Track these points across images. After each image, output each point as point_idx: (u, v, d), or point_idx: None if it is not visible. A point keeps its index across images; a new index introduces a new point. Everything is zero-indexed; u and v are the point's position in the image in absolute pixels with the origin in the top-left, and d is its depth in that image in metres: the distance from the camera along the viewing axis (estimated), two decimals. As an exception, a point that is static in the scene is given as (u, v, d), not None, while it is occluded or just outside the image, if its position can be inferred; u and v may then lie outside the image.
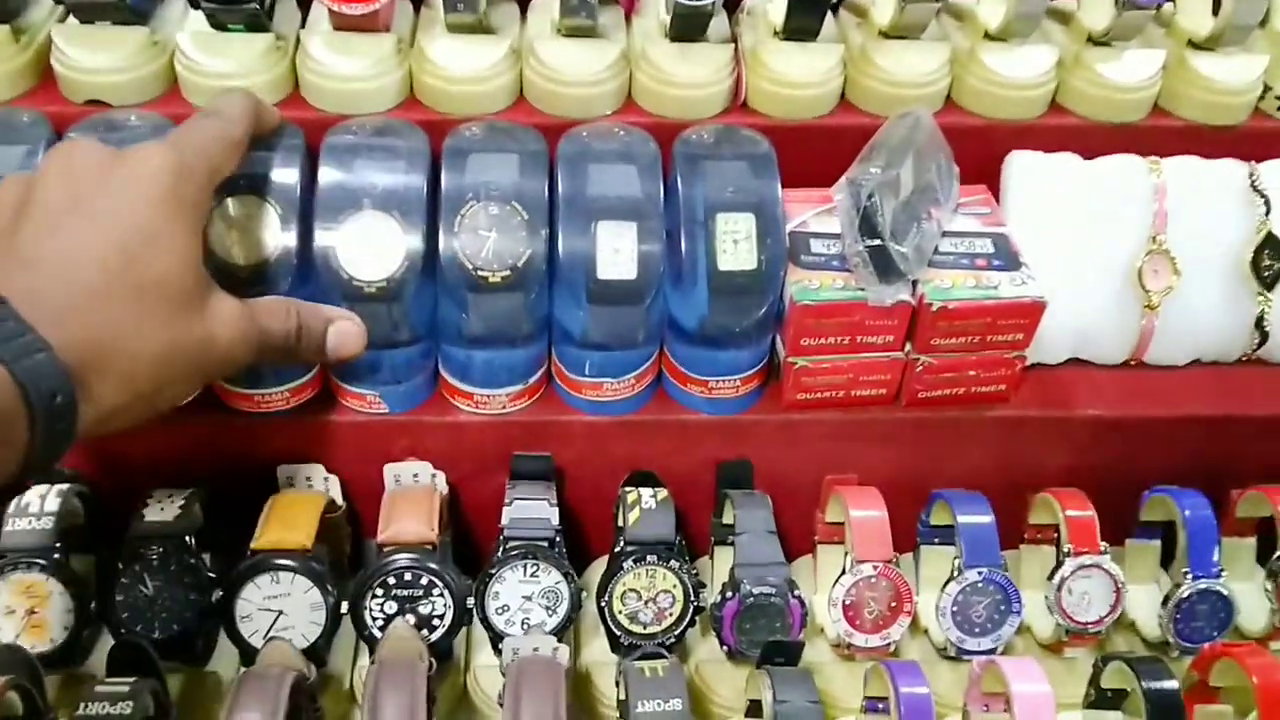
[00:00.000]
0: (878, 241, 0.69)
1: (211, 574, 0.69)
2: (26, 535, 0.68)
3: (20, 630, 0.68)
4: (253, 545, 0.69)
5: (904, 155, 0.71)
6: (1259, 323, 0.78)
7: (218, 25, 0.74)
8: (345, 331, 0.65)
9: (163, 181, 0.54)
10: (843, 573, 0.72)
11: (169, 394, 0.56)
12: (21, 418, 0.46)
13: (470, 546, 0.81)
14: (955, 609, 0.73)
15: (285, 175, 0.68)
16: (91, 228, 0.52)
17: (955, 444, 0.78)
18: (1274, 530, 0.77)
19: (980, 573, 0.72)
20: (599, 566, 0.79)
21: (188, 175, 0.56)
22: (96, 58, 0.72)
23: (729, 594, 0.70)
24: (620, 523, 0.73)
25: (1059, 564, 0.74)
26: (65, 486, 0.71)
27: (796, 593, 0.70)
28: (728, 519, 0.76)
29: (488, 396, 0.74)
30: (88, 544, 0.73)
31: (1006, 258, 0.73)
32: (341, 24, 0.74)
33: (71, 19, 0.74)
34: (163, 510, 0.71)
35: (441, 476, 0.76)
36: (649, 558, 0.70)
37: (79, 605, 0.68)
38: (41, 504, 0.70)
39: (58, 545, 0.68)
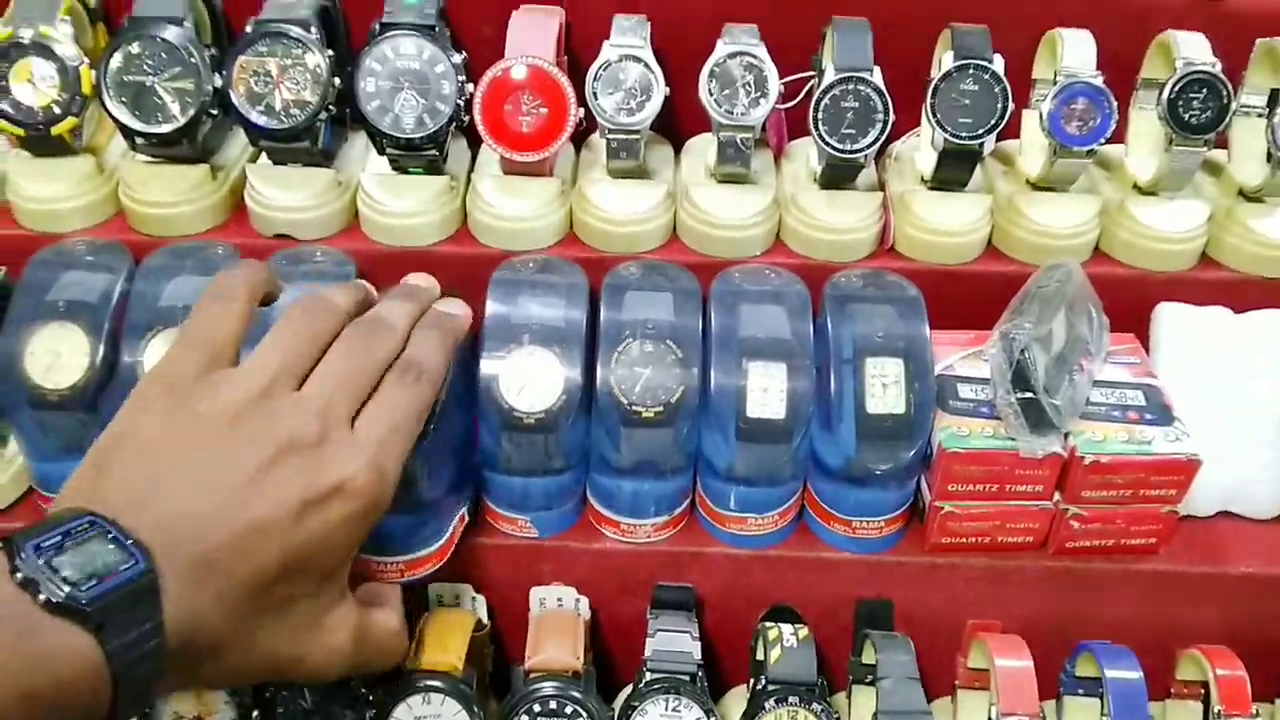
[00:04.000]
0: (1030, 394, 0.70)
1: (365, 689, 0.71)
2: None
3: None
4: (407, 664, 0.71)
5: (1056, 308, 0.72)
6: None
7: (398, 168, 0.79)
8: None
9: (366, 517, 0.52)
10: (987, 722, 0.72)
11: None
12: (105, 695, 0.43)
13: (610, 671, 0.82)
14: (1103, 766, 0.71)
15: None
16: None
17: (1101, 595, 0.77)
18: None
19: (1130, 731, 0.70)
20: (734, 696, 0.80)
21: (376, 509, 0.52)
22: (287, 196, 0.78)
23: (873, 740, 0.70)
24: (760, 658, 0.73)
25: (1211, 725, 0.72)
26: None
27: (941, 743, 0.70)
28: (868, 659, 0.76)
29: (634, 525, 0.76)
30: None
31: (1159, 411, 0.73)
32: (512, 169, 0.79)
33: (264, 158, 0.80)
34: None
35: (585, 602, 0.78)
36: (791, 699, 0.71)
37: (240, 716, 0.71)
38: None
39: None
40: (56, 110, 0.74)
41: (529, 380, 0.71)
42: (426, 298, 0.62)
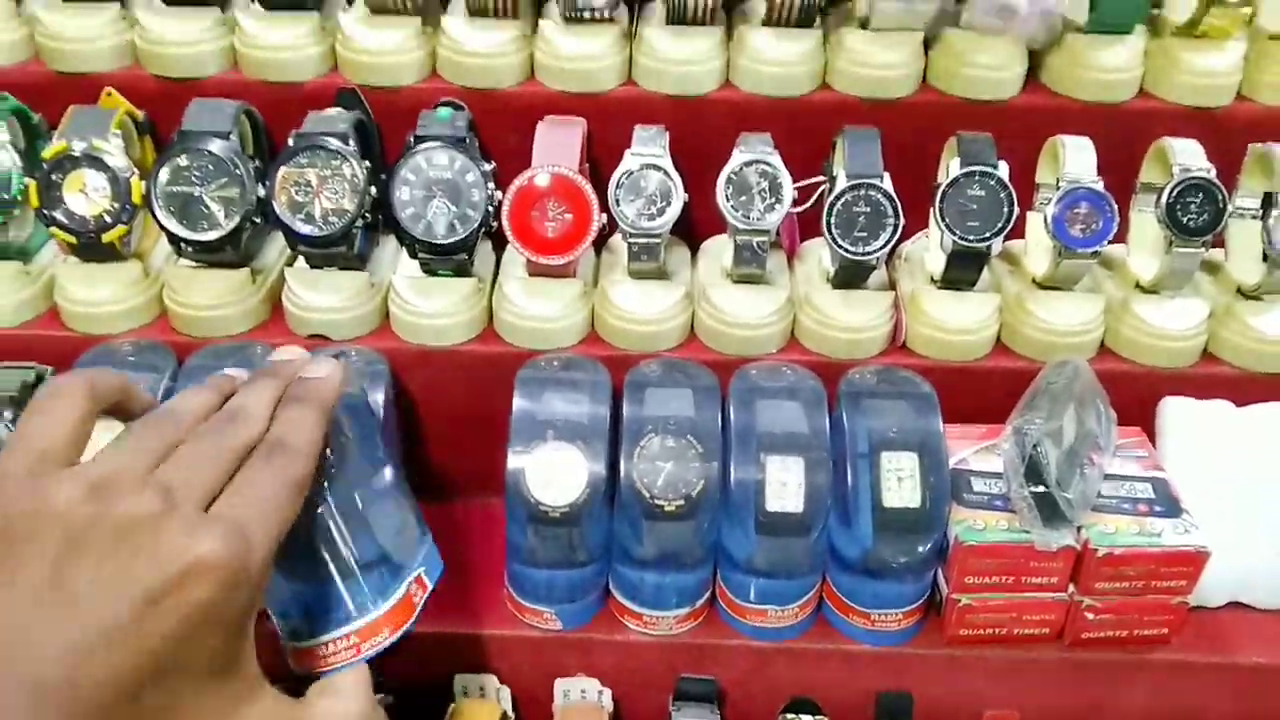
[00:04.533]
0: (1044, 488, 0.72)
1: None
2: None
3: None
4: (435, 756, 0.72)
5: (1065, 404, 0.74)
6: None
7: (428, 271, 0.82)
8: None
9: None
10: (1008, 815, 0.72)
11: None
12: None
13: (631, 764, 0.83)
14: None
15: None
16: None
17: (1116, 684, 0.78)
18: None
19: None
20: (755, 790, 0.81)
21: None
22: (322, 298, 0.81)
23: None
24: (782, 750, 0.74)
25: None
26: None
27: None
28: (888, 751, 0.77)
29: (656, 618, 0.78)
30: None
31: (1167, 503, 0.75)
32: (537, 271, 0.83)
33: (301, 261, 0.83)
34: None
35: (608, 693, 0.79)
36: (814, 789, 0.72)
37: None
38: None
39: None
40: (108, 219, 0.78)
41: (554, 475, 0.73)
42: (289, 372, 0.54)
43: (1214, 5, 0.82)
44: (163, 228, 0.78)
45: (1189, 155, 0.80)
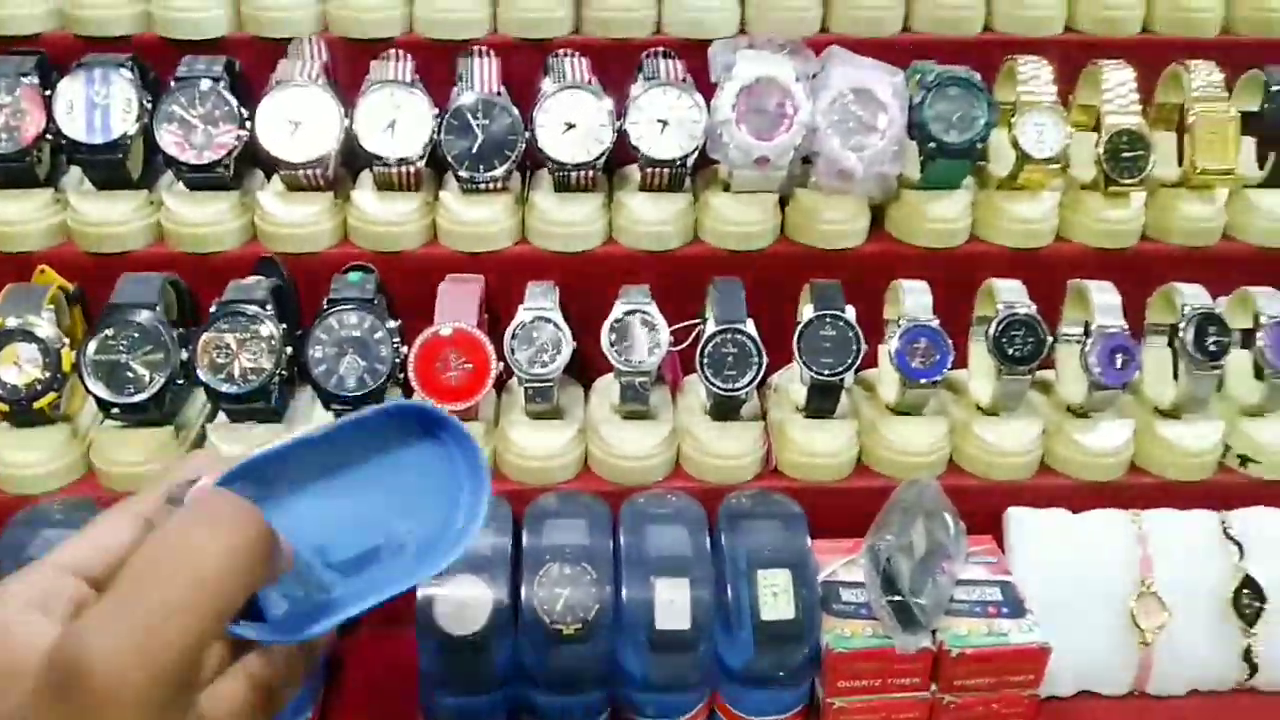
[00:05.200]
0: (899, 597, 0.80)
1: None
2: None
3: None
4: None
5: (914, 518, 0.83)
6: (1246, 655, 0.87)
7: (342, 420, 0.90)
8: None
9: None
10: None
11: None
12: None
13: None
14: None
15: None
16: None
17: (984, 774, 0.86)
18: None
19: None
20: None
21: None
22: (242, 449, 0.87)
23: None
24: None
25: None
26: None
27: None
28: None
29: (561, 736, 0.83)
30: None
31: (1013, 605, 0.84)
32: (442, 416, 0.90)
33: (222, 415, 0.90)
34: None
35: (517, 812, 0.84)
36: None
37: None
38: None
39: None
40: (39, 387, 0.85)
41: (461, 604, 0.80)
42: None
43: (1028, 162, 0.95)
44: (90, 392, 0.85)
45: (1012, 293, 0.91)
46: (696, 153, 0.95)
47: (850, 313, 0.89)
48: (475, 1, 1.01)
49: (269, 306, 0.87)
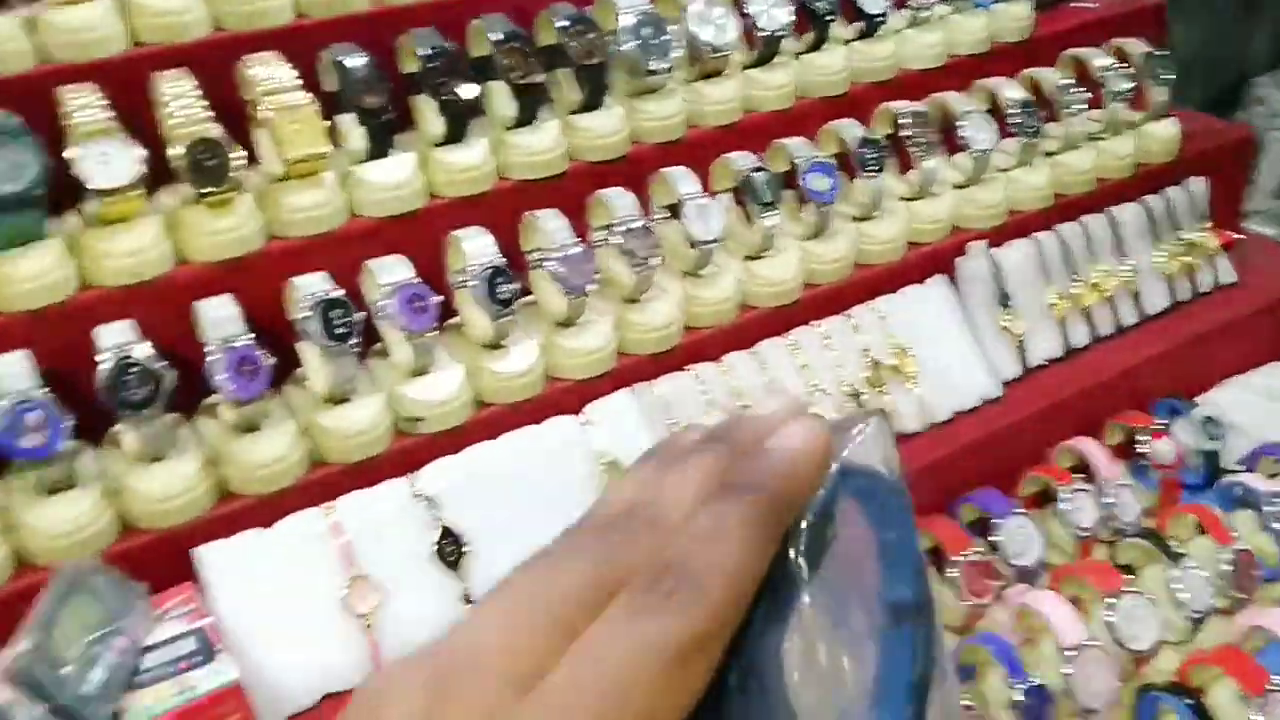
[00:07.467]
0: (52, 703, 0.71)
1: None
2: None
3: None
4: None
5: (54, 615, 0.75)
6: (466, 599, 0.91)
7: None
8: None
9: None
10: None
11: None
12: None
13: None
14: None
15: None
16: None
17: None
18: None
19: None
20: None
21: None
22: None
23: None
24: None
25: None
26: None
27: None
28: None
29: None
30: None
31: (205, 651, 0.79)
32: None
33: None
34: None
35: None
36: None
37: None
38: None
39: None
40: None
41: None
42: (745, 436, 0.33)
43: (104, 195, 0.89)
44: None
45: (117, 334, 0.86)
46: None
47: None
48: None
49: None
